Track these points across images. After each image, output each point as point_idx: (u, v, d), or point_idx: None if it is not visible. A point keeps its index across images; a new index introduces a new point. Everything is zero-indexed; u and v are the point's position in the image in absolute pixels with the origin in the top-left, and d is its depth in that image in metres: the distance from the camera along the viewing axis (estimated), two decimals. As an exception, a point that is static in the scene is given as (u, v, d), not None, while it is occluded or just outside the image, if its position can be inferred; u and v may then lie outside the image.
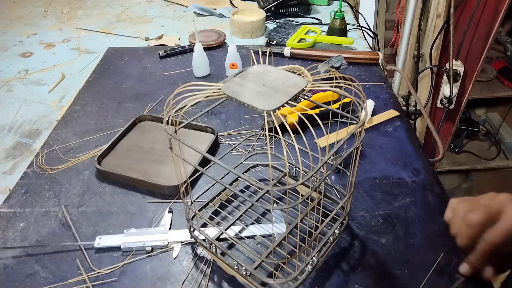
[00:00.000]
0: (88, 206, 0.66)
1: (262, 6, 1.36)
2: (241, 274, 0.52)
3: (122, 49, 1.18)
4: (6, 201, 0.68)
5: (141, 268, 0.57)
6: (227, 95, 0.45)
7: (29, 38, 1.28)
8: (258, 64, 0.50)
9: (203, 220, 0.58)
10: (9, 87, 1.02)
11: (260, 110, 0.43)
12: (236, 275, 0.53)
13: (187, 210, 0.56)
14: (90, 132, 0.83)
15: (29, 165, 0.75)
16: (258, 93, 0.45)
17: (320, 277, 0.55)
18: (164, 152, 0.76)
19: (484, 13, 1.28)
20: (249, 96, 0.45)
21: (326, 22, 1.33)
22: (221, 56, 1.11)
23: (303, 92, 0.46)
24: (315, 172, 0.39)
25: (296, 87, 0.46)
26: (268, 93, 0.45)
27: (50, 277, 0.55)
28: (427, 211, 0.64)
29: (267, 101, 0.44)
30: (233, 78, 0.49)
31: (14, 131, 0.86)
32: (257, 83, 0.47)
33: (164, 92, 0.97)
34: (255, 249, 0.58)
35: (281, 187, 0.40)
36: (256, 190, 0.67)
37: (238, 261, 0.51)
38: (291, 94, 0.44)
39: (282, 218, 0.62)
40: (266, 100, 0.44)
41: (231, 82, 0.47)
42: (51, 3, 1.56)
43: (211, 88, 0.46)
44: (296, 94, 0.45)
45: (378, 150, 0.77)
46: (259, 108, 0.43)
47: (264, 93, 0.45)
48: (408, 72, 1.70)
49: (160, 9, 1.50)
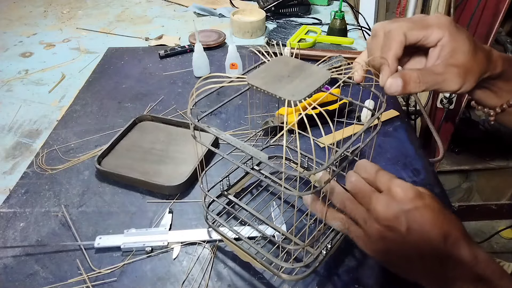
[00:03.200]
0: (88, 206, 0.66)
1: (262, 6, 1.36)
2: (258, 261, 0.52)
3: (122, 49, 1.18)
4: (6, 201, 0.68)
5: (141, 268, 0.57)
6: (251, 84, 0.45)
7: (29, 38, 1.28)
8: (278, 57, 0.50)
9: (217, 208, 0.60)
10: (9, 87, 1.02)
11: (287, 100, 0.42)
12: (252, 261, 0.54)
13: (203, 198, 0.57)
14: (90, 132, 0.83)
15: (29, 165, 0.75)
16: (283, 84, 0.44)
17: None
18: (164, 152, 0.76)
19: (484, 13, 1.28)
20: (274, 86, 0.44)
21: (326, 22, 1.33)
22: (221, 56, 1.11)
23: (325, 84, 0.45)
24: (332, 162, 0.39)
25: (320, 78, 0.45)
26: (292, 84, 0.44)
27: (50, 277, 0.55)
28: (427, 211, 0.64)
29: (294, 91, 0.43)
30: (255, 69, 0.48)
31: (14, 131, 0.86)
32: (280, 74, 0.46)
33: (164, 92, 0.97)
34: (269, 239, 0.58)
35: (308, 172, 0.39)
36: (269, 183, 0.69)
37: (257, 248, 0.53)
38: (316, 85, 0.44)
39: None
40: (293, 90, 0.43)
41: (254, 74, 0.47)
42: (51, 3, 1.56)
43: (235, 79, 0.46)
44: (321, 86, 0.44)
45: (378, 150, 0.77)
46: (287, 98, 0.42)
47: (288, 83, 0.44)
48: (408, 72, 1.70)
49: (160, 9, 1.50)
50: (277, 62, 0.49)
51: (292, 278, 0.51)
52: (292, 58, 0.49)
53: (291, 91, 0.43)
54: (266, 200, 0.66)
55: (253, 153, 0.44)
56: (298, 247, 0.49)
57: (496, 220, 1.77)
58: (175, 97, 0.95)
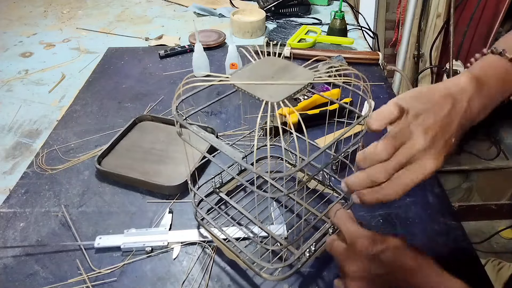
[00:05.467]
0: (88, 206, 0.66)
1: (262, 6, 1.36)
2: (241, 259, 0.53)
3: (122, 49, 1.18)
4: (6, 201, 0.68)
5: (141, 268, 0.57)
6: (234, 85, 0.45)
7: (29, 38, 1.28)
8: (265, 57, 0.50)
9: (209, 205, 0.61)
10: (9, 87, 1.02)
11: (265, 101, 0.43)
12: (236, 259, 0.54)
13: (193, 196, 0.58)
14: (90, 132, 0.83)
15: (29, 165, 0.75)
16: (265, 85, 0.45)
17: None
18: (164, 152, 0.76)
19: (484, 13, 1.28)
20: (255, 87, 0.44)
21: (326, 22, 1.33)
22: (221, 56, 1.11)
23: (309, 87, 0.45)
24: (313, 159, 0.40)
25: (303, 80, 0.45)
26: (274, 85, 0.45)
27: (50, 277, 0.56)
28: (427, 211, 0.64)
29: (273, 93, 0.43)
30: (241, 70, 0.48)
31: (14, 131, 0.86)
32: (264, 75, 0.47)
33: (164, 92, 0.97)
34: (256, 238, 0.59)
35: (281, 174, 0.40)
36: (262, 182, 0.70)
37: (240, 247, 0.53)
38: (296, 88, 0.44)
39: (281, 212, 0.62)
40: (272, 91, 0.44)
41: (239, 74, 0.47)
42: (51, 3, 1.56)
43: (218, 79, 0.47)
44: (302, 88, 0.44)
45: (378, 150, 0.77)
46: (265, 99, 0.43)
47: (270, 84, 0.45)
48: (408, 72, 1.71)
49: (160, 9, 1.50)
50: (264, 63, 0.49)
51: (272, 278, 0.52)
52: (279, 59, 0.49)
53: (271, 92, 0.43)
54: (259, 198, 0.66)
55: (228, 152, 0.45)
56: (279, 248, 0.49)
57: (496, 220, 1.77)
58: (175, 97, 0.95)
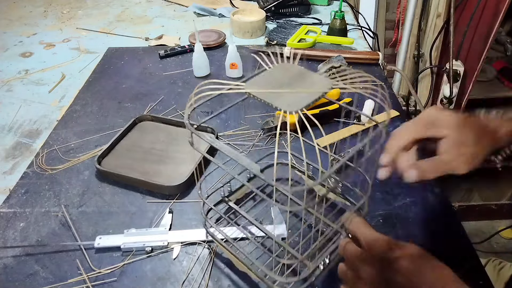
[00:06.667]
0: (88, 206, 0.66)
1: (262, 6, 1.36)
2: (253, 271, 0.52)
3: (122, 49, 1.18)
4: (6, 201, 0.68)
5: (141, 268, 0.57)
6: (249, 93, 0.44)
7: (29, 38, 1.28)
8: (280, 63, 0.49)
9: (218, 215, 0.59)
10: (9, 87, 1.02)
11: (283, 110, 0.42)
12: (248, 272, 0.53)
13: (202, 205, 0.57)
14: (90, 132, 0.83)
15: (29, 165, 0.75)
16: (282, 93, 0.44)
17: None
18: (164, 152, 0.76)
19: (484, 13, 1.28)
20: (272, 95, 0.44)
21: (326, 22, 1.33)
22: (221, 56, 1.11)
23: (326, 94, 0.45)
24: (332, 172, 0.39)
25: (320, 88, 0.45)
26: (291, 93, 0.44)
27: (50, 277, 0.55)
28: (427, 211, 0.64)
29: (291, 102, 0.43)
30: (256, 76, 0.48)
31: (14, 131, 0.86)
32: (279, 83, 0.46)
33: (164, 92, 0.97)
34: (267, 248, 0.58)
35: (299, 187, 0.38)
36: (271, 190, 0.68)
37: (252, 259, 0.52)
38: (314, 96, 0.43)
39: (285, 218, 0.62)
40: (291, 100, 0.43)
41: (254, 81, 0.46)
42: (51, 3, 1.56)
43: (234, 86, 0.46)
44: (319, 97, 0.44)
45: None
46: (283, 108, 0.42)
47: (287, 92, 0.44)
48: (408, 72, 1.70)
49: (160, 9, 1.50)
50: (278, 69, 0.48)
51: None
52: (294, 65, 0.48)
53: (288, 101, 0.43)
54: (269, 207, 0.64)
55: (246, 164, 0.43)
56: (293, 261, 0.48)
57: (496, 220, 1.77)
58: (175, 97, 0.95)
